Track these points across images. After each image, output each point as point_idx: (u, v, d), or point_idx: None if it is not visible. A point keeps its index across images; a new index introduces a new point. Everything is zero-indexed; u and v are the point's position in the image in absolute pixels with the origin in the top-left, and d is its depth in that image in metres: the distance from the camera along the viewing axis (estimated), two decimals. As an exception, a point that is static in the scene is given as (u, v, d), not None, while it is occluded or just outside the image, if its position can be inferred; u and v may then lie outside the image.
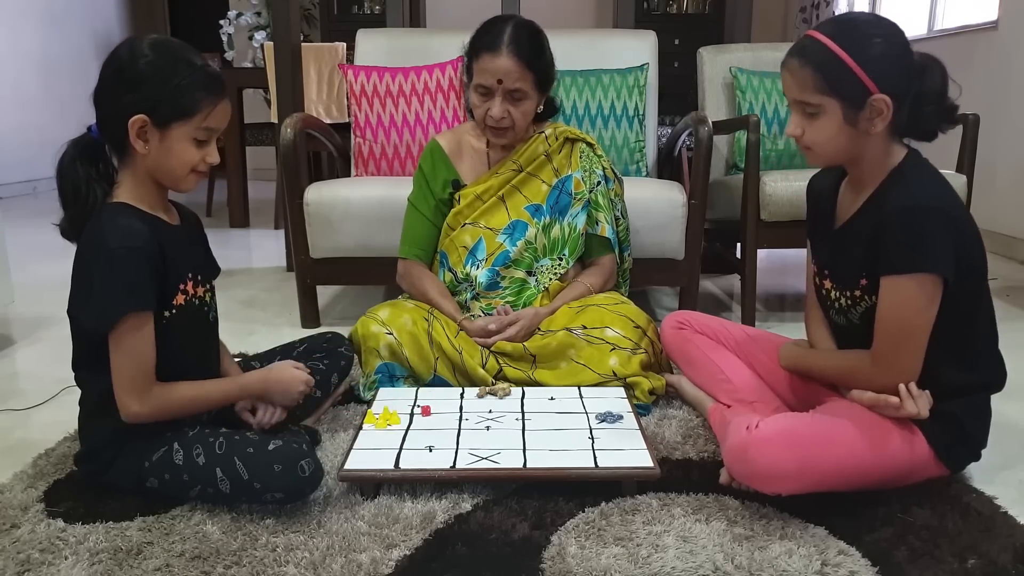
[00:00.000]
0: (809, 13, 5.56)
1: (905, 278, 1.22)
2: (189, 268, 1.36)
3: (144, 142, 1.25)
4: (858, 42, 1.23)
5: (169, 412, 1.30)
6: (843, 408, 1.31)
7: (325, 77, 3.96)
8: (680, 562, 1.14)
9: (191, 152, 1.28)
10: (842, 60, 1.22)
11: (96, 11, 6.71)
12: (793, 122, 1.31)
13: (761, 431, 1.23)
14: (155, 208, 1.32)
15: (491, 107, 1.79)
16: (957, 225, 1.22)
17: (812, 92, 1.25)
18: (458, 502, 1.30)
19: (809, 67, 1.25)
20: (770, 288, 3.05)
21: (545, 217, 1.89)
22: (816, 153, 1.31)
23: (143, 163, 1.28)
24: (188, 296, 1.34)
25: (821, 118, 1.26)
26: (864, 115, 1.24)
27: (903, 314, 1.23)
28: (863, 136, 1.26)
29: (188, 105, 1.25)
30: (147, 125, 1.24)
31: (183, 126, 1.25)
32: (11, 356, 2.20)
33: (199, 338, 1.41)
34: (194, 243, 1.43)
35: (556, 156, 1.92)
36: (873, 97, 1.23)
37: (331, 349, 1.69)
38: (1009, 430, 1.59)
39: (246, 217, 4.41)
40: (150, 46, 1.24)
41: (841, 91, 1.23)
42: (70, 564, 1.14)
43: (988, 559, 1.15)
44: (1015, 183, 3.55)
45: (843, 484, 1.26)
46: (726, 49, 2.89)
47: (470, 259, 1.88)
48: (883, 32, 1.25)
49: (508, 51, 1.76)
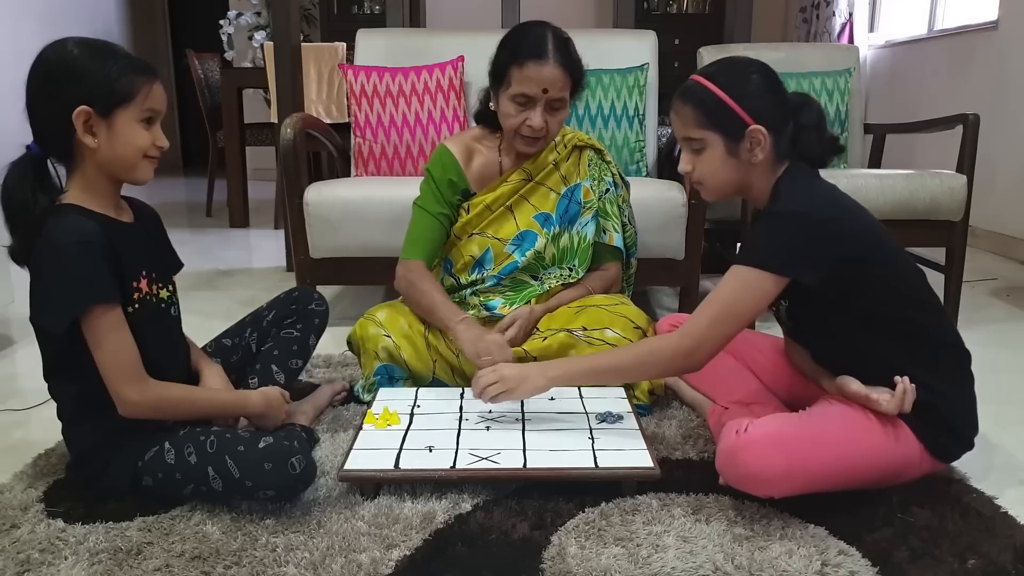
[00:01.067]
0: (809, 13, 5.56)
1: (744, 268, 1.30)
2: (143, 266, 1.33)
3: (92, 136, 1.23)
4: (733, 80, 1.33)
5: (165, 409, 1.30)
6: (832, 408, 1.32)
7: (325, 77, 3.96)
8: (680, 562, 1.14)
9: (141, 135, 1.27)
10: (718, 97, 1.32)
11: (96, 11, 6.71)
12: (683, 159, 1.40)
13: (749, 435, 1.24)
14: (106, 207, 1.30)
15: (531, 117, 1.73)
16: (822, 227, 1.27)
17: (694, 128, 1.35)
18: (458, 502, 1.30)
19: (690, 105, 1.35)
20: (770, 288, 3.05)
21: (555, 227, 1.85)
22: (707, 187, 1.41)
23: (94, 159, 1.26)
24: (142, 294, 1.32)
25: (706, 152, 1.36)
26: (744, 146, 1.33)
27: (726, 298, 1.30)
28: (746, 166, 1.35)
29: (126, 88, 1.24)
30: (92, 116, 1.22)
31: (126, 110, 1.24)
32: (11, 356, 2.20)
33: (162, 336, 1.38)
34: (149, 240, 1.40)
35: (564, 164, 1.88)
36: (750, 128, 1.31)
37: (301, 310, 1.65)
38: (1009, 430, 1.59)
39: (246, 217, 4.41)
40: (74, 44, 1.25)
41: (720, 125, 1.33)
42: (70, 564, 1.14)
43: (988, 559, 1.15)
44: (1015, 183, 3.55)
45: (834, 484, 1.26)
46: (726, 49, 2.88)
47: (476, 268, 1.86)
48: (756, 70, 1.35)
49: (555, 60, 1.70)
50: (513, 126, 1.76)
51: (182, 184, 6.69)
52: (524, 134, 1.76)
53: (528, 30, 1.77)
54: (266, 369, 1.55)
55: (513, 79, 1.71)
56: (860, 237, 1.30)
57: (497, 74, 1.76)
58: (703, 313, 1.32)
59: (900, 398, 1.26)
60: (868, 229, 1.33)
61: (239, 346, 1.62)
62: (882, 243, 1.33)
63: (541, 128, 1.74)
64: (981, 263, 3.42)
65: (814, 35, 5.47)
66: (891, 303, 1.32)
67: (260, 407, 1.39)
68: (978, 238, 3.64)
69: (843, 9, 5.09)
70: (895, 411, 1.26)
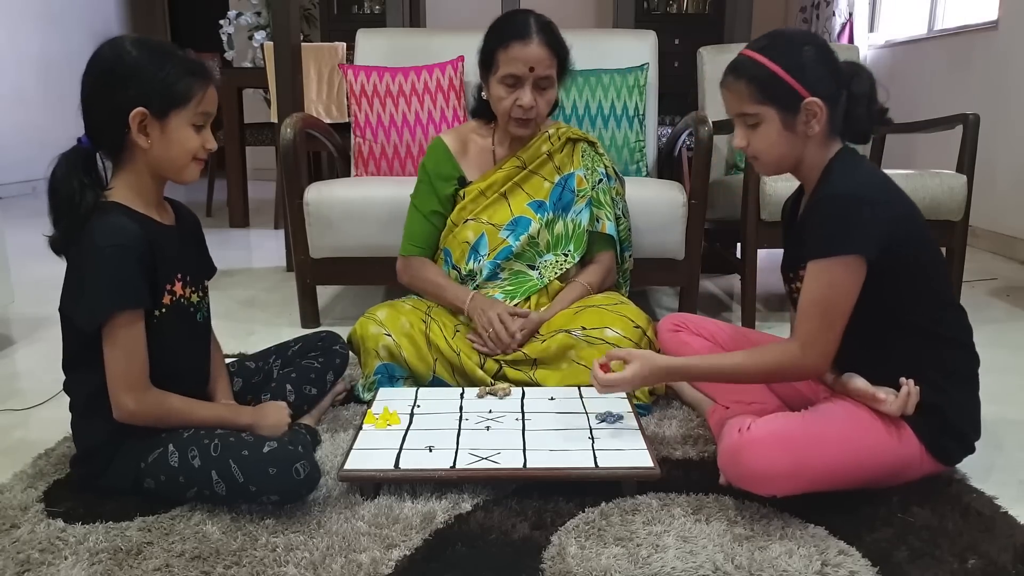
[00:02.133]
0: (809, 13, 5.56)
1: (825, 262, 1.27)
2: (178, 269, 1.35)
3: (146, 136, 1.26)
4: (786, 53, 1.32)
5: (160, 418, 1.30)
6: (835, 408, 1.32)
7: (325, 77, 3.96)
8: (680, 562, 1.14)
9: (193, 138, 1.29)
10: (772, 71, 1.31)
11: (96, 11, 6.71)
12: (738, 135, 1.39)
13: (752, 433, 1.24)
14: (148, 207, 1.32)
15: (521, 96, 1.79)
16: (875, 208, 1.27)
17: (749, 103, 1.33)
18: (458, 502, 1.30)
19: (743, 80, 1.33)
20: (770, 288, 3.05)
21: (548, 213, 1.90)
22: (762, 161, 1.39)
23: (144, 158, 1.28)
24: (175, 297, 1.34)
25: (761, 127, 1.34)
26: (800, 119, 1.31)
27: (824, 296, 1.27)
28: (802, 139, 1.34)
29: (183, 92, 1.27)
30: (147, 117, 1.25)
31: (181, 113, 1.27)
32: (11, 356, 2.20)
33: (188, 340, 1.40)
34: (187, 244, 1.42)
35: (558, 155, 1.93)
36: (806, 101, 1.30)
37: (326, 348, 1.70)
38: (1009, 430, 1.59)
39: (246, 217, 4.41)
40: (132, 43, 1.26)
41: (775, 99, 1.31)
42: (70, 564, 1.14)
43: (988, 559, 1.15)
44: (1015, 183, 3.55)
45: (837, 483, 1.26)
46: (726, 49, 2.88)
47: (472, 255, 1.88)
48: (809, 41, 1.34)
49: (539, 39, 1.78)
50: (505, 108, 1.82)
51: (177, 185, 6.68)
52: (515, 115, 1.82)
53: (511, 16, 1.86)
54: (280, 387, 1.57)
55: (500, 62, 1.79)
56: (905, 225, 1.29)
57: (485, 61, 1.84)
58: (806, 319, 1.29)
59: (904, 399, 1.26)
60: (913, 218, 1.32)
61: (262, 369, 1.64)
62: (923, 236, 1.32)
63: (531, 106, 1.80)
64: (981, 263, 3.42)
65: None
66: (920, 298, 1.31)
67: (250, 421, 1.38)
68: (978, 238, 3.64)
69: (843, 9, 5.09)
70: (898, 412, 1.26)
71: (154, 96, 1.25)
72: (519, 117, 1.82)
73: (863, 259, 1.26)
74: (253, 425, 1.38)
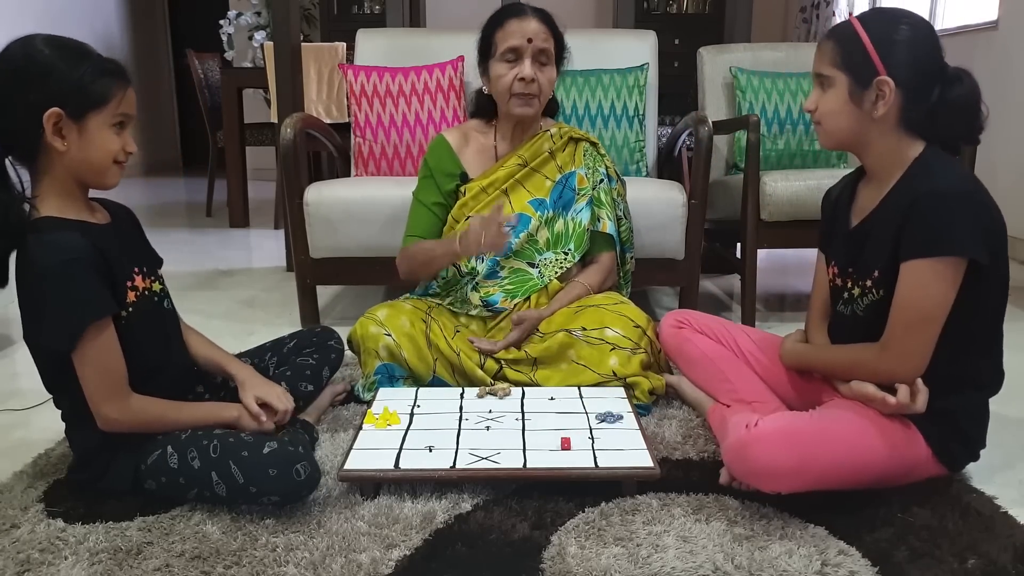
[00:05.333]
0: (809, 13, 5.55)
1: (928, 262, 1.21)
2: (133, 263, 1.33)
3: (62, 138, 1.20)
4: (881, 25, 1.28)
5: (145, 423, 1.30)
6: (843, 407, 1.32)
7: (325, 77, 3.96)
8: (680, 562, 1.14)
9: (113, 140, 1.24)
10: (859, 37, 1.27)
11: (96, 11, 6.71)
12: (811, 97, 1.36)
13: (761, 429, 1.23)
14: (80, 212, 1.28)
15: (521, 69, 1.81)
16: (985, 211, 1.22)
17: (827, 64, 1.31)
18: (458, 502, 1.30)
19: (831, 41, 1.31)
20: (770, 288, 3.05)
21: (548, 211, 1.90)
22: (824, 128, 1.35)
23: (62, 163, 1.23)
24: (139, 291, 1.32)
25: (830, 92, 1.31)
26: (868, 95, 1.27)
27: (921, 299, 1.23)
28: (866, 119, 1.29)
29: (100, 92, 1.22)
30: (62, 119, 1.20)
31: (99, 115, 1.22)
32: (11, 356, 2.20)
33: (160, 331, 1.39)
34: (130, 238, 1.39)
35: (560, 154, 1.93)
36: (878, 78, 1.26)
37: (321, 343, 1.68)
38: (1009, 430, 1.59)
39: (246, 217, 4.41)
40: (44, 42, 1.21)
41: (850, 66, 1.28)
42: (70, 564, 1.14)
43: (988, 559, 1.15)
44: (1015, 183, 3.55)
45: (842, 482, 1.26)
46: (726, 49, 2.89)
47: None
48: (911, 24, 1.28)
49: (534, 15, 1.83)
50: (506, 85, 1.83)
51: (182, 184, 6.69)
52: (516, 91, 1.83)
53: (505, 5, 1.90)
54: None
55: (498, 40, 1.83)
56: (998, 233, 1.25)
57: (484, 48, 1.88)
58: (896, 322, 1.25)
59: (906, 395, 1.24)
60: (1002, 225, 1.26)
61: (258, 367, 1.61)
62: (1004, 244, 1.27)
63: (532, 79, 1.82)
64: (981, 263, 3.41)
65: (814, 35, 5.46)
66: (981, 310, 1.28)
67: (233, 418, 1.37)
68: (978, 238, 3.63)
69: (843, 9, 5.09)
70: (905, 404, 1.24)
71: (70, 96, 1.19)
72: (521, 92, 1.83)
73: (966, 262, 1.21)
74: (240, 420, 1.36)
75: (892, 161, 1.31)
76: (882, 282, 1.29)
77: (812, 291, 1.53)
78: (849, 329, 1.39)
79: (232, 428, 1.35)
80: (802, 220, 2.32)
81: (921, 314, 1.23)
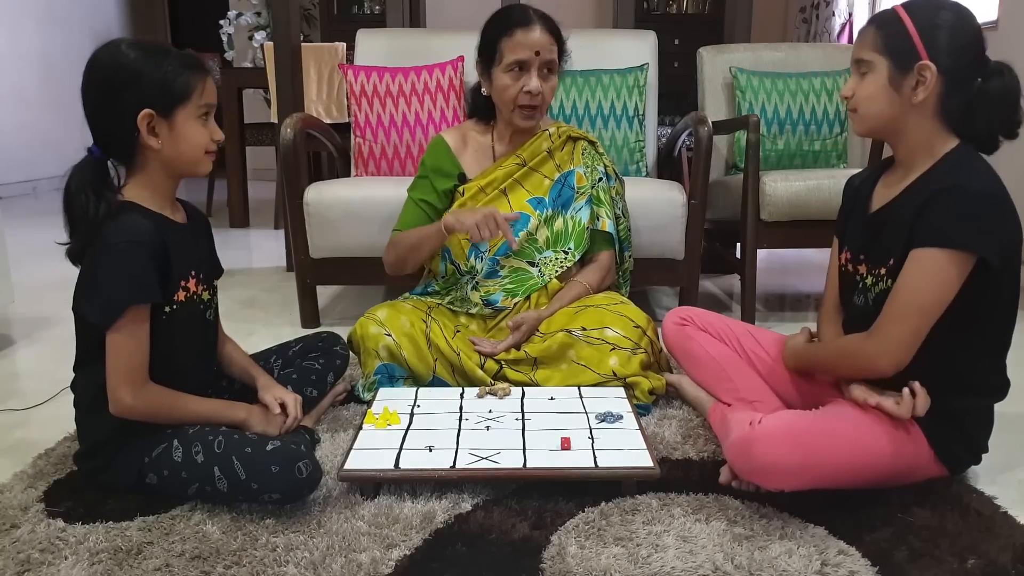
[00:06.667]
0: (809, 13, 5.55)
1: (936, 252, 1.20)
2: (192, 266, 1.37)
3: (155, 136, 1.27)
4: (925, 11, 1.26)
5: (156, 413, 1.31)
6: (846, 407, 1.31)
7: (325, 77, 3.96)
8: (680, 562, 1.14)
9: (200, 132, 1.31)
10: (902, 21, 1.26)
11: (96, 11, 6.71)
12: (848, 83, 1.34)
13: (764, 427, 1.23)
14: (162, 207, 1.34)
15: (528, 81, 1.80)
16: (1006, 215, 1.22)
17: (868, 49, 1.29)
18: (458, 502, 1.30)
19: (873, 26, 1.30)
20: (770, 288, 3.05)
21: (547, 209, 1.90)
22: (860, 114, 1.33)
23: (157, 159, 1.30)
24: (189, 293, 1.36)
25: (869, 76, 1.30)
26: (908, 81, 1.26)
27: (920, 288, 1.22)
28: (905, 105, 1.27)
29: (183, 87, 1.28)
30: (154, 118, 1.26)
31: (185, 108, 1.29)
32: (11, 356, 2.20)
33: (197, 336, 1.42)
34: (199, 242, 1.44)
35: (558, 153, 1.93)
36: (920, 63, 1.24)
37: (327, 348, 1.70)
38: (1009, 430, 1.59)
39: (246, 217, 4.41)
40: (128, 46, 1.27)
41: (892, 50, 1.27)
42: (70, 564, 1.14)
43: (988, 559, 1.15)
44: (1015, 183, 3.55)
45: (845, 481, 1.26)
46: (726, 49, 2.89)
47: (473, 251, 1.88)
48: (955, 11, 1.26)
49: (541, 25, 1.80)
50: (511, 96, 1.82)
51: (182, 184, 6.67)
52: (522, 103, 1.83)
53: (508, 8, 1.87)
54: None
55: (505, 50, 1.80)
56: (1015, 240, 1.25)
57: (487, 53, 1.85)
58: (888, 308, 1.24)
59: (910, 404, 1.24)
60: (1020, 234, 1.26)
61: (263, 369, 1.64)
62: (1019, 252, 1.25)
63: (538, 92, 1.81)
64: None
65: (814, 35, 5.47)
66: (994, 315, 1.28)
67: (242, 419, 1.38)
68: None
69: (843, 9, 5.09)
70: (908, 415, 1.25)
71: (157, 95, 1.26)
72: (526, 104, 1.83)
73: (974, 260, 1.20)
74: (247, 420, 1.38)
75: (924, 152, 1.30)
76: (895, 271, 1.27)
77: (827, 281, 1.51)
78: (863, 322, 1.37)
79: (239, 428, 1.36)
80: (802, 220, 2.32)
81: (915, 304, 1.22)
